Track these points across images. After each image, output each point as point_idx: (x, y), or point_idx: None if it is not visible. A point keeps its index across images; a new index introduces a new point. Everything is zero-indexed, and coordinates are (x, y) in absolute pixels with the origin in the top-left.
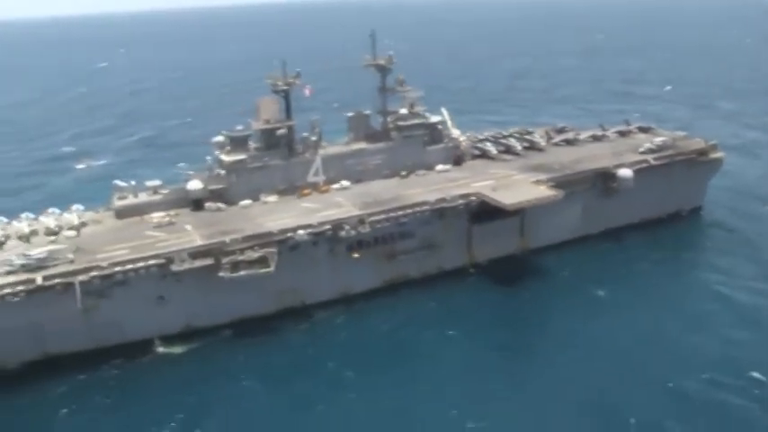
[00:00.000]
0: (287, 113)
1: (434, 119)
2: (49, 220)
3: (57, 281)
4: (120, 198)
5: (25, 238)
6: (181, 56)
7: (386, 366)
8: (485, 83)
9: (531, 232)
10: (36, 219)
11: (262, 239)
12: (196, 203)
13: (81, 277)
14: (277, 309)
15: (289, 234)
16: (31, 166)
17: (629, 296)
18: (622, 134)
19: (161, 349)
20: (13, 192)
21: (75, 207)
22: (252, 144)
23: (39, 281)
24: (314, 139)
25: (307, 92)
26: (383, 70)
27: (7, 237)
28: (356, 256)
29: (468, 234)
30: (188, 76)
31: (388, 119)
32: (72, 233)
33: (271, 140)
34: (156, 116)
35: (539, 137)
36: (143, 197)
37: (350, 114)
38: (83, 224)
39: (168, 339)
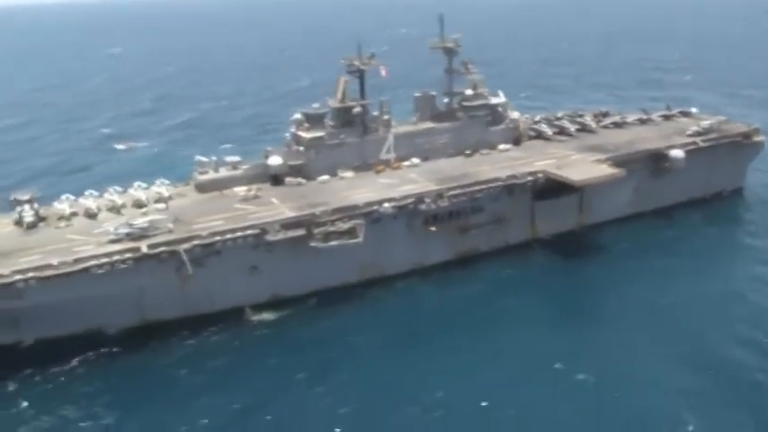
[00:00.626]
0: (361, 93)
1: (495, 100)
2: (138, 192)
3: (162, 249)
4: (202, 173)
5: (116, 209)
6: (195, 42)
7: (471, 329)
8: (513, 69)
9: (589, 209)
10: (101, 195)
11: (349, 212)
12: (275, 178)
13: (184, 246)
14: (358, 279)
15: (374, 207)
16: (77, 148)
17: (689, 265)
18: (666, 118)
19: (253, 317)
20: (66, 172)
21: (159, 181)
22: (328, 122)
23: (144, 249)
24: (386, 117)
25: (383, 72)
26: (450, 53)
27: (99, 209)
28: (433, 229)
29: (531, 210)
30: (206, 62)
31: (453, 100)
32: (162, 206)
33: (346, 119)
34: (189, 100)
35: (589, 119)
36: (223, 172)
37: (417, 95)
38: (169, 197)
39: (257, 307)
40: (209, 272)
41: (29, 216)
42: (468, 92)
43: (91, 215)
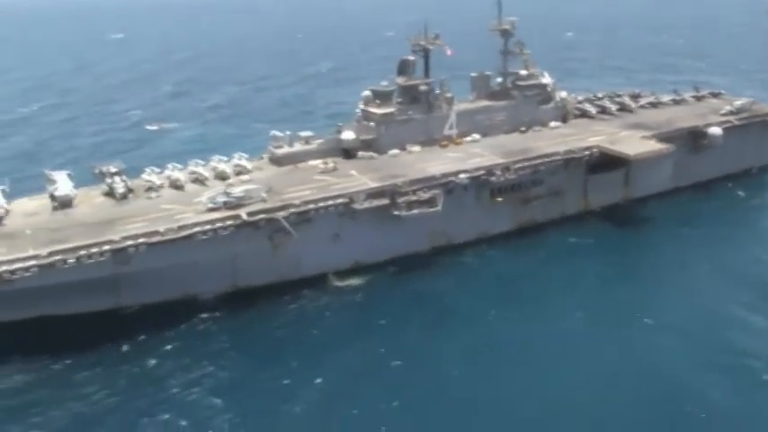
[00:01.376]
0: (425, 72)
1: (544, 80)
2: (220, 165)
3: (260, 216)
4: (277, 147)
5: (200, 181)
6: (201, 28)
7: (553, 288)
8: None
9: (634, 183)
10: (184, 168)
11: (428, 182)
12: (346, 152)
13: (281, 213)
14: (430, 247)
15: (450, 178)
16: (114, 128)
17: (737, 232)
18: (697, 99)
19: (338, 283)
20: (111, 152)
21: (238, 155)
22: (395, 99)
23: (244, 216)
24: (448, 95)
25: (449, 52)
26: (506, 34)
27: (205, 177)
28: (499, 200)
29: (584, 183)
30: (218, 48)
31: (507, 79)
32: (246, 177)
33: (413, 96)
34: (213, 84)
35: (627, 100)
36: (297, 146)
37: (473, 75)
38: (249, 170)
39: (340, 274)
40: (298, 239)
41: (120, 187)
42: (523, 72)
43: (178, 186)
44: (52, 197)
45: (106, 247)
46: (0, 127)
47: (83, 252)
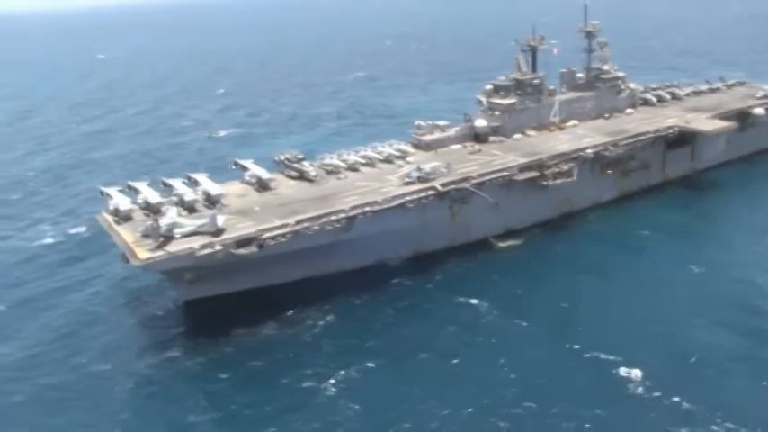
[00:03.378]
0: (533, 67)
1: (620, 74)
2: (386, 149)
3: (451, 187)
4: (422, 134)
5: (370, 164)
6: (221, 43)
7: (665, 239)
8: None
9: (699, 157)
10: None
11: (564, 157)
12: (477, 137)
13: (465, 183)
14: (559, 213)
15: (580, 153)
16: (167, 137)
17: None
18: (728, 87)
19: (500, 244)
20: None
21: (389, 142)
22: (514, 91)
23: (438, 187)
24: (552, 87)
25: (555, 51)
26: (590, 35)
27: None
28: (609, 172)
29: (663, 158)
30: (236, 62)
31: (590, 73)
32: (411, 159)
33: (527, 88)
34: (253, 95)
35: (677, 90)
36: (438, 134)
37: (563, 70)
38: (412, 153)
39: (497, 237)
40: (469, 208)
41: (312, 171)
42: (605, 67)
43: (354, 169)
44: (256, 181)
45: (341, 215)
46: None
47: (324, 219)
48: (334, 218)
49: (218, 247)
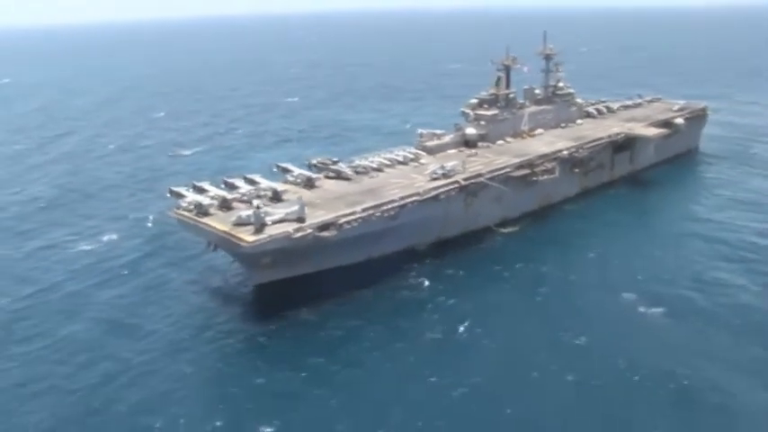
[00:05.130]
0: (507, 83)
1: (571, 90)
2: (406, 153)
3: (471, 181)
4: (425, 141)
5: (392, 165)
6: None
7: (627, 220)
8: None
9: (636, 160)
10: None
11: (547, 157)
12: (466, 143)
13: (489, 176)
14: (540, 206)
15: (558, 154)
16: (131, 161)
17: (693, 181)
18: (648, 102)
19: (502, 230)
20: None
21: (400, 147)
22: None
23: (461, 182)
24: (521, 101)
25: (525, 69)
26: (548, 57)
27: (396, 162)
28: (576, 171)
29: (612, 160)
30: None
31: (548, 90)
32: (424, 160)
33: (505, 102)
34: (187, 120)
35: (611, 105)
36: (436, 141)
37: (525, 87)
38: (423, 155)
39: (498, 225)
40: (478, 200)
41: (349, 170)
42: (561, 84)
43: (379, 170)
44: (303, 180)
45: (395, 204)
46: None
47: (384, 207)
48: (389, 206)
49: (308, 230)
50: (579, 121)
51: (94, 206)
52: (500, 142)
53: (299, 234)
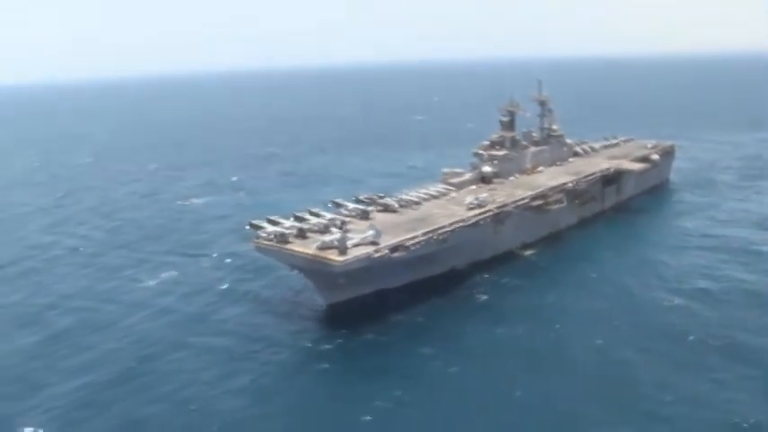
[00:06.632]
0: (511, 126)
1: (561, 132)
2: (438, 188)
3: (501, 210)
4: (449, 178)
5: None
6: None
7: (622, 244)
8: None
9: (621, 192)
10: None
11: (556, 189)
12: (482, 179)
13: (509, 207)
14: (549, 233)
15: (565, 186)
16: (141, 209)
17: (670, 208)
18: (624, 142)
19: (524, 253)
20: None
21: (434, 184)
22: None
23: (494, 210)
24: (524, 142)
25: (527, 114)
26: (543, 103)
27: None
28: (577, 202)
29: (602, 192)
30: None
31: (543, 132)
32: (453, 194)
33: (510, 143)
34: (180, 170)
35: (594, 145)
36: (458, 177)
37: (523, 131)
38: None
39: (519, 249)
40: (504, 227)
41: (395, 203)
42: (555, 127)
43: (417, 203)
44: (358, 213)
45: (446, 229)
46: None
47: (440, 231)
48: (442, 230)
49: (385, 251)
50: (571, 159)
51: (157, 245)
52: (512, 178)
53: (378, 254)
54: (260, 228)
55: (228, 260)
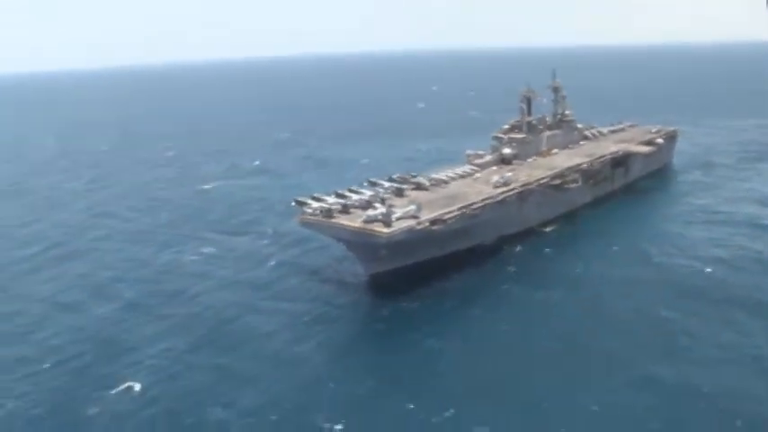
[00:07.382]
0: (528, 111)
1: (573, 117)
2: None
3: (525, 187)
4: (473, 159)
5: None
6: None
7: (632, 223)
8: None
9: (629, 173)
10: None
11: (572, 170)
12: (502, 161)
13: (533, 185)
14: (565, 211)
15: (580, 167)
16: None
17: (675, 188)
18: (630, 127)
19: (544, 229)
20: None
21: (465, 165)
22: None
23: (519, 188)
24: (540, 126)
25: (545, 100)
26: (556, 90)
27: (455, 177)
28: (591, 182)
29: (612, 173)
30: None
31: (557, 117)
32: (478, 175)
33: (528, 127)
34: (193, 156)
35: (601, 129)
36: (480, 159)
37: (538, 116)
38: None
39: (539, 226)
40: (527, 204)
41: (427, 182)
42: (567, 112)
43: (445, 182)
44: (393, 190)
45: (478, 204)
46: None
47: (473, 206)
48: (475, 206)
49: (427, 224)
50: (582, 143)
51: (199, 224)
52: (529, 160)
53: (420, 227)
54: (305, 204)
55: (271, 234)
